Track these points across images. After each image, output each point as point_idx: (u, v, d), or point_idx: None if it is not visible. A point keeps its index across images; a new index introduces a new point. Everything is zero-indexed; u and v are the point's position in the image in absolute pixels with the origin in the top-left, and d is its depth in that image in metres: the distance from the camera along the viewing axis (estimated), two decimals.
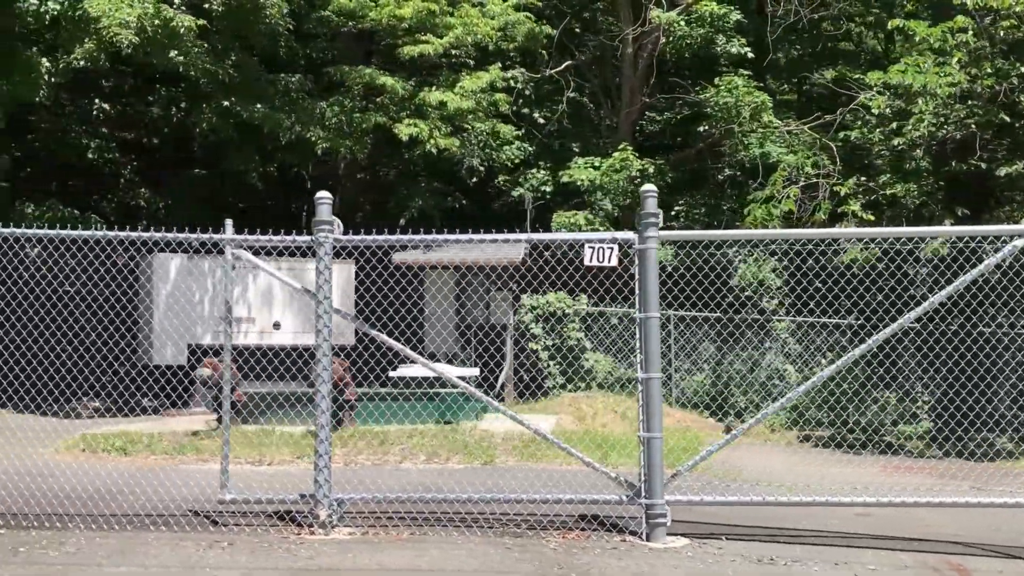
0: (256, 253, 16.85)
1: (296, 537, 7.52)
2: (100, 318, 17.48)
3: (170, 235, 8.03)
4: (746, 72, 20.01)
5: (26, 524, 7.80)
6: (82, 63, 15.69)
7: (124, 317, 18.02)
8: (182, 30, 15.10)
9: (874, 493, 9.01)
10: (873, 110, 18.10)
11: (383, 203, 23.21)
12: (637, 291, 7.55)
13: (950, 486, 11.23)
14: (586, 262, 7.49)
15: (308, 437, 11.82)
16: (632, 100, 22.25)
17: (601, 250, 7.51)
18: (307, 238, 7.89)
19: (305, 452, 11.15)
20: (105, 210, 19.25)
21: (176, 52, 15.91)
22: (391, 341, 8.13)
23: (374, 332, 8.10)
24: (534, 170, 21.73)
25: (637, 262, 7.56)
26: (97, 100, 19.62)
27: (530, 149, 21.53)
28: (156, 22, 15.02)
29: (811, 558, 7.11)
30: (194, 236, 7.98)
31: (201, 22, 15.42)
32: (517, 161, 21.18)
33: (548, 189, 21.50)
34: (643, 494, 7.45)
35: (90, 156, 18.73)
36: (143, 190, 20.15)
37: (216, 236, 7.99)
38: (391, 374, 14.91)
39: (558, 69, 21.90)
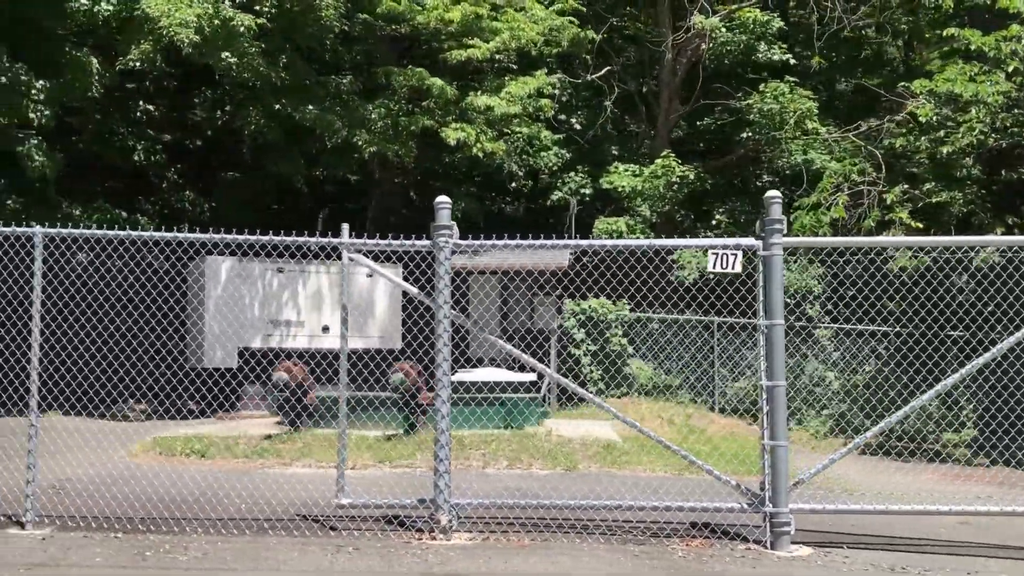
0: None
1: (418, 542, 7.48)
2: (148, 320, 17.43)
3: (288, 239, 7.98)
4: (792, 79, 20.01)
5: (143, 528, 7.76)
6: (137, 64, 15.61)
7: (171, 319, 17.97)
8: (242, 29, 15.03)
9: (959, 501, 8.99)
10: (920, 118, 18.11)
11: (419, 206, 23.17)
12: (761, 298, 7.54)
13: (1014, 494, 11.25)
14: (709, 268, 7.48)
15: (388, 441, 11.78)
16: (670, 106, 22.25)
17: (725, 256, 7.49)
18: (426, 242, 7.84)
19: (387, 456, 11.11)
20: (148, 212, 19.14)
21: (228, 53, 15.84)
22: (516, 351, 8.09)
23: (501, 343, 8.06)
24: (572, 173, 21.69)
25: (762, 269, 7.55)
26: (141, 102, 19.52)
27: (567, 155, 21.49)
28: (215, 22, 14.96)
29: (940, 567, 7.10)
30: (313, 240, 7.95)
31: (261, 20, 15.32)
32: (555, 167, 21.16)
33: (587, 192, 21.46)
34: (767, 502, 7.43)
35: (136, 158, 18.61)
36: (187, 192, 20.03)
37: (335, 240, 7.96)
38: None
39: (599, 74, 21.89)
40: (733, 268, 7.49)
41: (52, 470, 10.36)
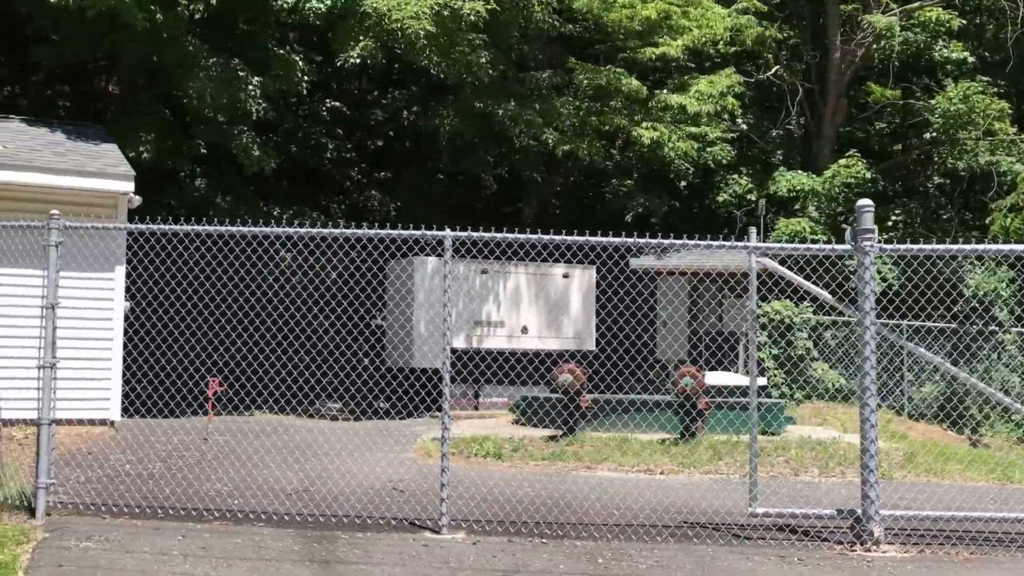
0: (485, 255, 16.74)
1: (854, 554, 7.31)
2: (355, 321, 17.38)
3: (691, 242, 7.80)
4: (985, 78, 19.66)
5: (560, 533, 7.62)
6: (357, 60, 15.50)
7: (367, 320, 17.94)
8: (473, 17, 14.82)
9: None
10: None
11: (576, 205, 23.05)
12: None
13: None
14: None
15: (677, 446, 11.62)
16: (836, 106, 21.94)
17: None
18: (846, 247, 7.63)
19: (689, 462, 10.94)
20: (334, 212, 19.07)
21: (431, 50, 15.64)
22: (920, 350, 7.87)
23: (911, 345, 7.85)
24: (736, 175, 21.45)
25: None
26: (328, 101, 19.43)
27: (732, 152, 21.20)
28: (445, 13, 14.77)
29: None
30: (728, 244, 7.79)
31: (491, 6, 15.06)
32: (724, 162, 20.91)
33: (752, 194, 21.17)
34: None
35: (328, 157, 18.52)
36: (373, 192, 19.93)
37: (741, 244, 7.79)
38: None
39: (770, 73, 21.62)
40: None
41: (362, 472, 10.27)
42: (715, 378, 14.43)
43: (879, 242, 7.55)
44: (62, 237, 7.79)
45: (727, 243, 7.77)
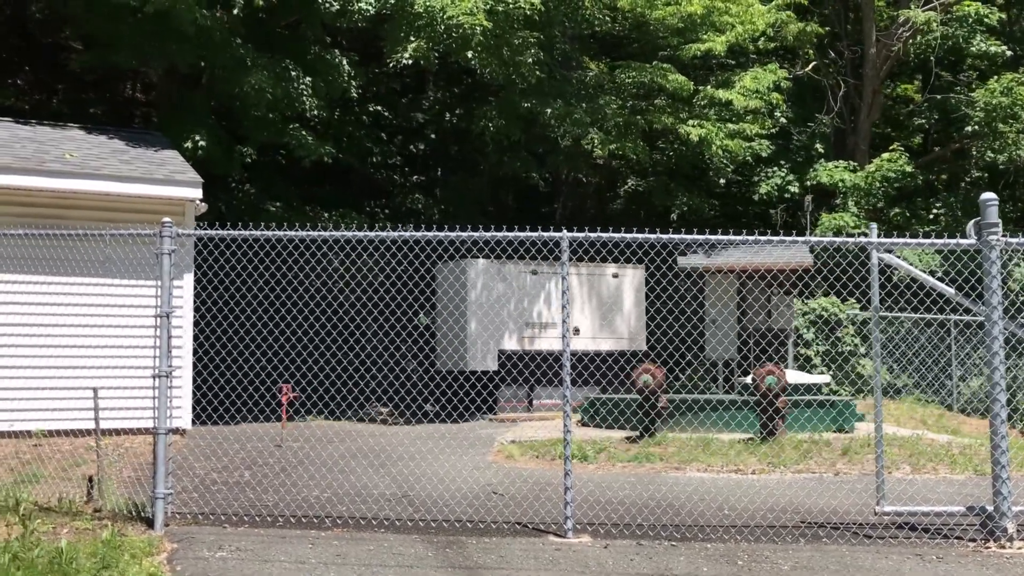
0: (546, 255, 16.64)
1: (988, 551, 7.24)
2: (403, 323, 17.30)
3: (811, 239, 7.72)
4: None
5: (688, 536, 7.55)
6: (409, 61, 15.38)
7: (414, 321, 17.85)
8: (528, 11, 14.69)
9: None
10: None
11: (608, 204, 22.97)
12: None
13: None
14: None
15: (749, 445, 11.53)
16: (873, 101, 21.88)
17: None
18: (971, 241, 7.54)
19: (781, 462, 10.86)
20: (379, 216, 18.94)
21: (482, 50, 15.53)
22: None
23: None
24: (775, 168, 21.39)
25: None
26: (369, 104, 19.29)
27: (771, 147, 21.12)
28: (499, 8, 14.65)
29: None
30: (852, 240, 7.67)
31: None
32: (764, 156, 20.83)
33: (794, 188, 21.10)
34: None
35: (373, 160, 18.38)
36: (417, 195, 19.80)
37: (863, 240, 7.68)
38: (743, 380, 14.61)
39: (807, 68, 21.56)
40: None
41: (452, 476, 10.17)
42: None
43: (1003, 236, 7.48)
44: (174, 245, 7.68)
45: (850, 239, 7.66)
